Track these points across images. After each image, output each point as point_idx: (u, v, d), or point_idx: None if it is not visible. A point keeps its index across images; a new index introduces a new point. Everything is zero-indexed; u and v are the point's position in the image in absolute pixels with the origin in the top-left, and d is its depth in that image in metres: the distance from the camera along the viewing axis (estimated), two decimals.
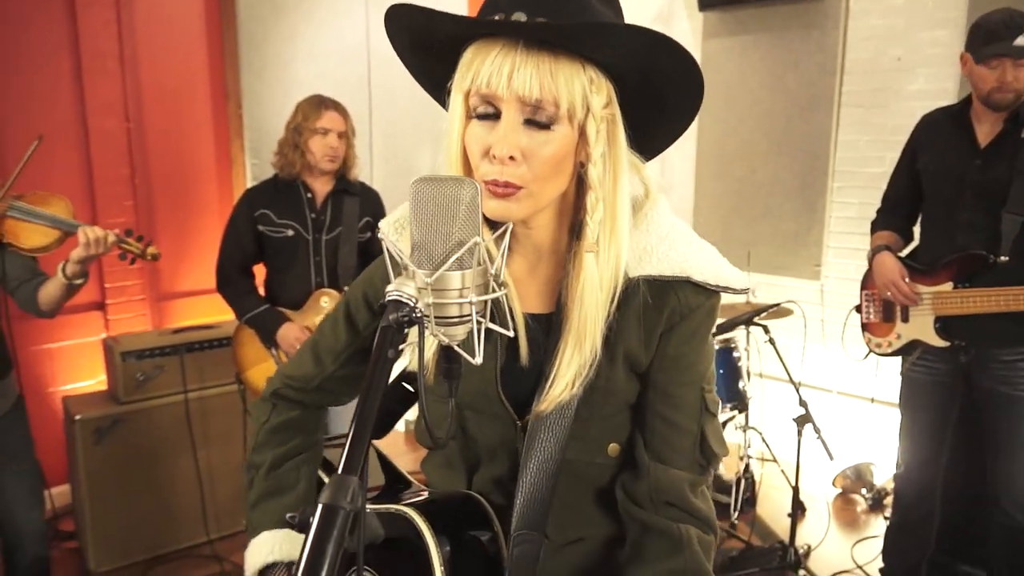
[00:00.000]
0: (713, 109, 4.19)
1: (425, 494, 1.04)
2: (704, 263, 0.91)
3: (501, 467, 0.99)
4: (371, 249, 2.76)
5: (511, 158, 0.81)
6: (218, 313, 3.72)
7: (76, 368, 3.40)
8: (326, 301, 2.60)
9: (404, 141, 4.21)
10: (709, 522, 0.94)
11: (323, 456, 1.16)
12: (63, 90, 3.27)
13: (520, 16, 0.78)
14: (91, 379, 3.43)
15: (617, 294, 0.88)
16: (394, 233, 0.98)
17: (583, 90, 0.81)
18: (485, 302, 0.77)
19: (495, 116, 0.82)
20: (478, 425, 0.99)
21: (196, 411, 3.08)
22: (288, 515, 0.63)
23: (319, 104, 2.60)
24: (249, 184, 3.78)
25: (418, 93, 0.99)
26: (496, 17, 0.79)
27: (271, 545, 1.03)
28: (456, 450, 1.02)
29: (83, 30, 3.26)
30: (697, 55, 4.20)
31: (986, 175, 2.28)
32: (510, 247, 0.90)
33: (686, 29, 4.28)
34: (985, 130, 2.31)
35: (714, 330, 0.98)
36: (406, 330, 0.70)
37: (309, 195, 2.68)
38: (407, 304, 0.70)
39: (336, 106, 2.64)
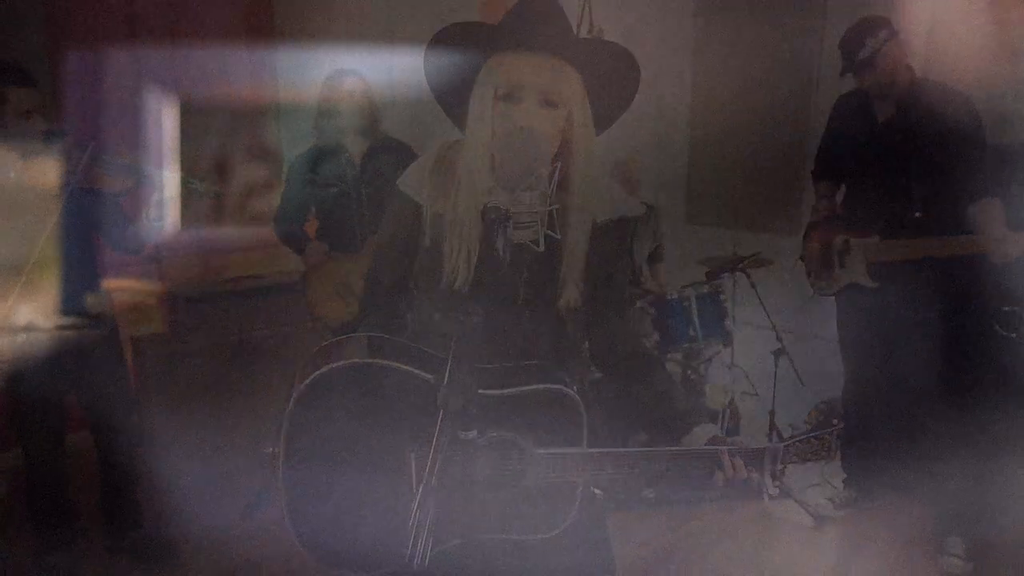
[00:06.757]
0: (708, 87, 4.60)
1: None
2: (621, 200, 1.39)
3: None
4: None
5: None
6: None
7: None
8: None
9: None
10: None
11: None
12: None
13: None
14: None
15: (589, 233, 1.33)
16: (416, 183, 1.35)
17: (571, 88, 1.26)
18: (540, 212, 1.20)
19: (518, 99, 1.24)
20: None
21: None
22: None
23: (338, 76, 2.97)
24: None
25: None
26: None
27: None
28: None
29: None
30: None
31: (886, 145, 2.80)
32: None
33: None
34: (883, 109, 2.82)
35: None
36: (502, 224, 1.12)
37: (347, 155, 3.00)
38: (502, 210, 1.12)
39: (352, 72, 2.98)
